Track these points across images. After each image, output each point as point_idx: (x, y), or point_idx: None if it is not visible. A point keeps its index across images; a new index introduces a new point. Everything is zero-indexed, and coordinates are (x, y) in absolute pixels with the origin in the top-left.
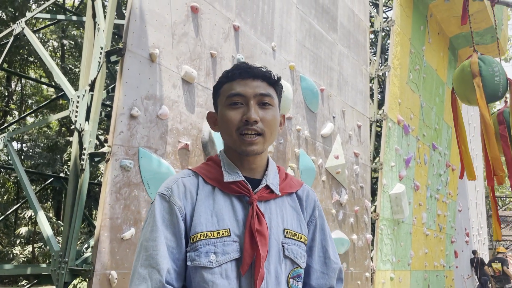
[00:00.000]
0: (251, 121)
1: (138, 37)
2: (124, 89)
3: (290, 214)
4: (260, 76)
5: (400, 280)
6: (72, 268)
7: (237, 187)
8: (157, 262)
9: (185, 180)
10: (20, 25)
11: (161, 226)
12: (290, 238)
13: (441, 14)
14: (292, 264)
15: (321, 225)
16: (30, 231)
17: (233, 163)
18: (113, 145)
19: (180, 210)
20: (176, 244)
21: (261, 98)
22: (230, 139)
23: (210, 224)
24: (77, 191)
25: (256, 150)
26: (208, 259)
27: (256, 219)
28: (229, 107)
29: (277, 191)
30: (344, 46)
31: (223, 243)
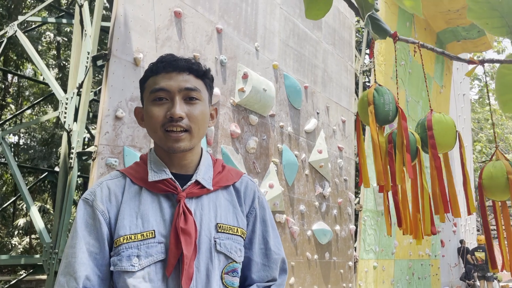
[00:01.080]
0: (175, 117)
1: (123, 42)
2: (109, 92)
3: (224, 208)
4: (186, 69)
5: (384, 269)
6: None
7: (164, 185)
8: (74, 269)
9: (110, 183)
10: (13, 28)
11: (82, 232)
12: (224, 232)
13: (428, 10)
14: (226, 259)
15: (261, 216)
16: (28, 223)
17: (161, 161)
18: (99, 144)
19: (103, 214)
20: (99, 249)
21: (187, 92)
22: (156, 136)
23: (134, 226)
24: (66, 187)
25: (182, 147)
26: (130, 263)
27: (182, 217)
28: (153, 102)
29: (209, 186)
30: (328, 43)
31: (147, 245)
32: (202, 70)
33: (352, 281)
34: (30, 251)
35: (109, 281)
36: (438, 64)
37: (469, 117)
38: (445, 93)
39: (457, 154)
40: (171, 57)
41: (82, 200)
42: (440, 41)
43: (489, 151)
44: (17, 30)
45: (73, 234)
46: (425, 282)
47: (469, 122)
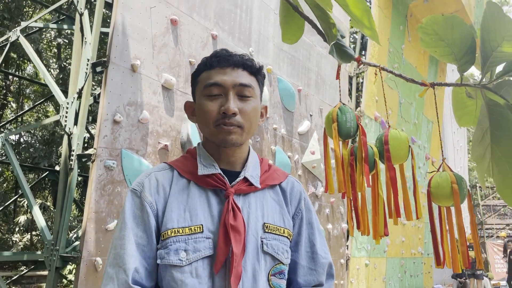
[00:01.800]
0: (229, 113)
1: (121, 50)
2: (108, 97)
3: (271, 207)
4: (240, 65)
5: (375, 267)
6: (62, 255)
7: (213, 180)
8: (123, 261)
9: (158, 174)
10: (16, 33)
11: (130, 223)
12: (271, 232)
13: (422, 14)
14: (273, 260)
15: (308, 219)
16: (29, 220)
17: (210, 155)
18: (98, 147)
19: (151, 206)
20: (147, 241)
21: (241, 88)
22: (208, 131)
23: (182, 220)
24: (66, 187)
25: (234, 140)
26: (178, 257)
27: (231, 214)
28: (207, 97)
29: (256, 183)
30: (322, 47)
31: (194, 240)
32: (255, 67)
33: (344, 278)
34: (30, 248)
35: (155, 274)
36: (431, 66)
37: None
38: (439, 95)
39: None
40: (226, 52)
41: (130, 191)
42: None
43: None
44: (20, 35)
45: (121, 225)
46: (417, 279)
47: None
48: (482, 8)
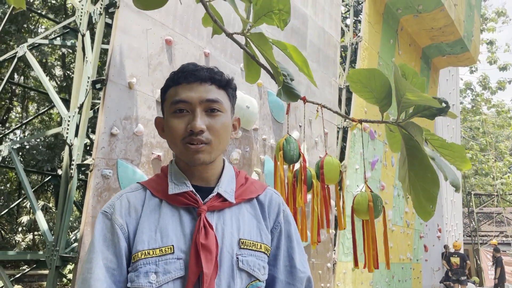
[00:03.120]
0: (196, 131)
1: (119, 69)
2: (106, 112)
3: (248, 222)
4: (208, 79)
5: (362, 271)
6: (62, 255)
7: (185, 198)
8: (89, 286)
9: (130, 195)
10: (23, 49)
11: (100, 246)
12: (247, 248)
13: (412, 28)
14: (249, 277)
15: (287, 231)
16: (31, 220)
17: (182, 173)
18: (96, 158)
19: (121, 228)
20: (117, 265)
21: (208, 104)
22: (176, 149)
23: (153, 241)
24: (66, 194)
25: (202, 159)
26: (147, 279)
27: (202, 232)
28: (174, 114)
29: (231, 198)
30: (313, 61)
31: (165, 261)
32: (224, 80)
33: (331, 282)
34: (33, 248)
35: None
36: (422, 78)
37: (459, 126)
38: None
39: None
40: (193, 67)
41: (101, 213)
42: (425, 56)
43: (481, 158)
44: (27, 51)
45: (90, 249)
46: (405, 284)
47: (458, 132)
48: (473, 22)
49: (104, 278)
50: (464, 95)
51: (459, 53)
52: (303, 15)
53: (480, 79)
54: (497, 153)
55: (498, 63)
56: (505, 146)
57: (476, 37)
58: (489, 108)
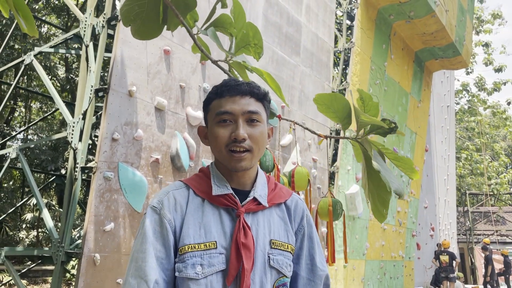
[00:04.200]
0: (239, 139)
1: (120, 78)
2: (108, 118)
3: (277, 224)
4: (248, 93)
5: (354, 268)
6: (67, 251)
7: (225, 200)
8: (145, 273)
9: (176, 193)
10: (30, 57)
11: (151, 238)
12: (276, 248)
13: (405, 32)
14: (278, 273)
15: (309, 234)
16: (35, 217)
17: (222, 176)
18: (99, 161)
19: (170, 222)
20: (165, 255)
21: (249, 115)
22: (220, 155)
23: (198, 236)
24: (71, 195)
25: (244, 166)
26: (194, 270)
27: (242, 232)
28: (219, 124)
29: (264, 203)
30: (306, 66)
31: (209, 255)
32: (262, 94)
33: None
34: (37, 244)
35: (173, 285)
36: (415, 80)
37: (453, 127)
38: (423, 107)
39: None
40: (234, 82)
41: (150, 207)
42: (418, 59)
43: (477, 158)
44: (33, 59)
45: (142, 240)
46: (397, 281)
47: (453, 132)
48: (465, 27)
49: (156, 267)
50: (460, 96)
51: (451, 57)
52: (297, 22)
53: (477, 80)
54: (492, 153)
55: (495, 64)
56: (500, 147)
57: (468, 41)
58: (485, 109)
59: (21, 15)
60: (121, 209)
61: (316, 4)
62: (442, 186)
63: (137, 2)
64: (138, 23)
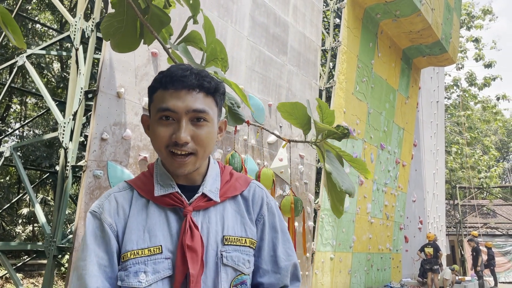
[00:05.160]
0: (180, 142)
1: (108, 80)
2: (97, 119)
3: (232, 218)
4: (196, 86)
5: (341, 260)
6: (59, 246)
7: (170, 199)
8: (85, 282)
9: (118, 195)
10: (22, 59)
11: (92, 244)
12: (231, 244)
13: (392, 31)
14: (234, 271)
15: (271, 223)
16: (31, 211)
17: (167, 173)
18: (88, 160)
19: (111, 227)
20: (108, 262)
21: (195, 114)
22: (161, 155)
23: (141, 241)
24: (62, 192)
25: (187, 171)
26: (137, 279)
27: (188, 233)
28: (160, 121)
29: (215, 197)
30: (293, 65)
31: (153, 261)
32: (213, 87)
33: (309, 270)
34: (32, 239)
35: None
36: (403, 77)
37: (443, 122)
38: (411, 103)
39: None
40: (181, 72)
41: (90, 213)
42: (406, 56)
43: (468, 152)
44: (26, 61)
45: (83, 247)
46: (384, 273)
47: (442, 127)
48: (452, 25)
49: (98, 275)
50: (452, 91)
51: (438, 54)
52: (284, 23)
53: (467, 75)
54: (483, 147)
55: (486, 59)
56: (490, 141)
57: (455, 38)
58: (476, 104)
59: (10, 30)
60: None
61: (304, 4)
62: (431, 180)
63: (116, 19)
64: (117, 37)
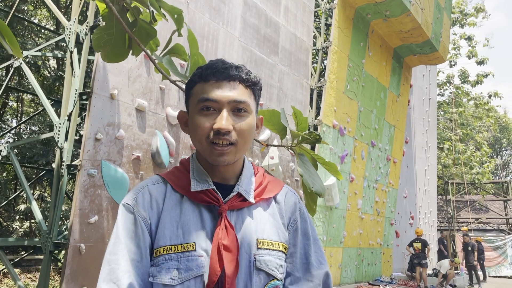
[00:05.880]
0: (223, 131)
1: (102, 82)
2: (91, 120)
3: (265, 221)
4: (236, 78)
5: (331, 255)
6: (55, 242)
7: (206, 196)
8: (117, 277)
9: (152, 188)
10: (19, 61)
11: (124, 238)
12: (264, 248)
13: (383, 30)
14: (268, 276)
15: (303, 229)
16: (28, 208)
17: (203, 169)
18: (83, 159)
19: (145, 221)
20: (140, 257)
21: (236, 104)
22: (200, 147)
23: (175, 237)
24: (58, 190)
25: (227, 161)
26: (169, 275)
27: (224, 232)
28: (200, 112)
29: (250, 198)
30: (284, 65)
31: (187, 258)
32: (252, 80)
33: None
34: (30, 234)
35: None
36: (394, 76)
37: (435, 119)
38: (402, 101)
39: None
40: (222, 64)
41: (123, 205)
42: (397, 55)
43: (460, 148)
44: (22, 62)
45: (115, 240)
46: (375, 268)
47: (434, 124)
48: (442, 24)
49: (130, 270)
50: (445, 88)
51: (428, 53)
52: (275, 24)
53: (460, 72)
54: (476, 144)
55: (478, 57)
56: (482, 137)
57: (445, 37)
58: (469, 101)
59: (7, 40)
60: (104, 203)
61: (295, 5)
62: (422, 176)
63: (106, 32)
64: (107, 49)
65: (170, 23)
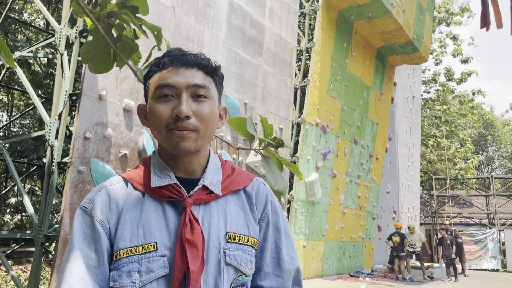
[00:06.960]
0: (182, 116)
1: (91, 84)
2: (80, 120)
3: (235, 214)
4: (195, 64)
5: (313, 248)
6: (46, 234)
7: (169, 191)
8: (71, 286)
9: (110, 189)
10: None
11: (80, 244)
12: (234, 242)
13: (366, 31)
14: (236, 272)
15: (274, 223)
16: (19, 201)
17: (165, 164)
18: (72, 157)
19: (102, 224)
20: (98, 263)
21: (196, 89)
22: (160, 136)
23: (135, 238)
24: (49, 186)
25: (188, 147)
26: (130, 279)
27: (188, 227)
28: (158, 99)
29: (217, 191)
30: (269, 66)
31: (148, 259)
32: (212, 66)
33: None
34: (21, 227)
35: None
36: (377, 75)
37: (419, 116)
38: (385, 99)
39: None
40: (179, 52)
41: (79, 208)
42: (381, 55)
43: (444, 145)
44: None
45: (69, 247)
46: (356, 260)
47: (418, 121)
48: (424, 25)
49: (85, 278)
50: (431, 85)
51: (410, 53)
52: (260, 25)
53: (445, 71)
54: (460, 140)
55: (463, 55)
56: (466, 134)
57: (427, 38)
58: (454, 98)
59: (2, 53)
60: None
61: (280, 7)
62: (405, 172)
63: (93, 46)
64: (94, 61)
65: (151, 38)
